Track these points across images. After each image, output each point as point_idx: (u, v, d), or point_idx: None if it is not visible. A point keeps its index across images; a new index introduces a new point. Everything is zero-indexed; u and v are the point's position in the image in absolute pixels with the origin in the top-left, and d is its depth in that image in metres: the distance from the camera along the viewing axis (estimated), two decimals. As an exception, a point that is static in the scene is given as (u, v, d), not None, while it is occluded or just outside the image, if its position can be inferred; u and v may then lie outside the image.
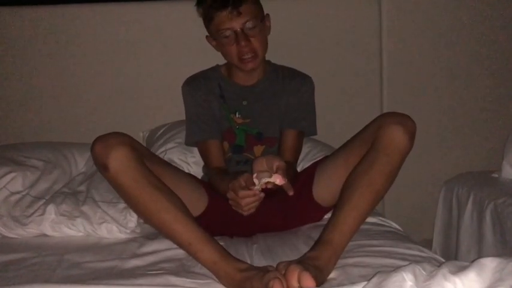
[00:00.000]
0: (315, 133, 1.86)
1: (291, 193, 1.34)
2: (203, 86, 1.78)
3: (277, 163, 1.36)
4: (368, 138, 1.43)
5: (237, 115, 1.77)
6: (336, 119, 2.20)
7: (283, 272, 1.16)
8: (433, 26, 2.28)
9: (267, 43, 1.72)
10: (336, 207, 1.37)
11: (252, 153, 1.75)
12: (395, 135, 1.36)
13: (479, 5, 2.29)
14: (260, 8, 1.71)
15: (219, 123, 1.76)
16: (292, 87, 1.79)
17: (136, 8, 2.16)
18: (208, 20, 1.68)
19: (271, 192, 1.65)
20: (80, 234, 1.58)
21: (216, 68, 1.83)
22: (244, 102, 1.78)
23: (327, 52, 2.23)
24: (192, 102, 1.78)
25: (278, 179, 1.34)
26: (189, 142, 1.80)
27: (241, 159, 1.75)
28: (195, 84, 1.78)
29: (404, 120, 1.39)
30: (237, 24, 1.63)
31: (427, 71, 2.31)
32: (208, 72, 1.82)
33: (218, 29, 1.65)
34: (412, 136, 1.38)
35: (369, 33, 2.24)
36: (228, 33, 1.64)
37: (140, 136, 2.15)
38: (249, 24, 1.64)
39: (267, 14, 1.74)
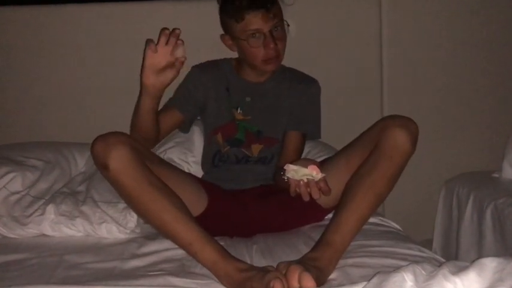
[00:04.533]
0: (319, 137, 1.86)
1: (328, 194, 1.32)
2: (212, 73, 1.78)
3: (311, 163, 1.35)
4: (371, 140, 1.43)
5: (239, 110, 1.77)
6: (336, 119, 2.19)
7: (283, 272, 1.16)
8: (433, 26, 2.28)
9: (285, 46, 1.71)
10: (338, 208, 1.38)
11: (250, 150, 1.75)
12: (399, 138, 1.36)
13: (479, 5, 2.29)
14: (282, 12, 1.70)
15: (220, 114, 1.76)
16: (298, 90, 1.80)
17: (136, 8, 2.15)
18: (236, 20, 1.64)
19: (272, 192, 1.66)
20: (80, 234, 1.58)
21: (227, 60, 1.83)
22: (248, 99, 1.77)
23: (327, 52, 2.23)
24: (189, 79, 1.78)
25: (315, 171, 1.32)
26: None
27: (240, 154, 1.75)
28: (204, 68, 1.79)
29: (408, 124, 1.39)
30: (267, 26, 1.62)
31: (427, 71, 2.31)
32: (219, 63, 1.83)
33: (246, 29, 1.63)
34: (415, 140, 1.38)
35: (369, 33, 2.23)
36: (256, 34, 1.63)
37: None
38: (277, 26, 1.64)
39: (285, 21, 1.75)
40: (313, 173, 1.32)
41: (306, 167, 1.32)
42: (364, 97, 2.27)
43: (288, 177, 1.35)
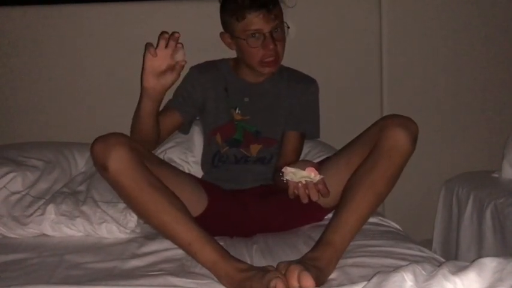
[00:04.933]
0: (318, 136, 1.86)
1: (327, 196, 1.33)
2: (210, 74, 1.78)
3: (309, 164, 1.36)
4: (370, 140, 1.43)
5: (237, 111, 1.77)
6: (336, 119, 2.20)
7: (283, 272, 1.16)
8: (433, 26, 2.28)
9: (285, 48, 1.72)
10: (338, 208, 1.38)
11: (248, 150, 1.75)
12: (398, 137, 1.36)
13: (479, 5, 2.29)
14: (282, 12, 1.71)
15: (218, 115, 1.76)
16: (297, 90, 1.80)
17: (136, 8, 2.16)
18: (236, 18, 1.64)
19: (272, 192, 1.66)
20: (80, 234, 1.58)
21: (225, 60, 1.83)
22: (246, 99, 1.77)
23: (327, 52, 2.23)
24: (187, 80, 1.78)
25: (313, 173, 1.32)
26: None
27: (239, 155, 1.75)
28: (202, 69, 1.79)
29: (407, 123, 1.39)
30: (268, 26, 1.62)
31: (427, 71, 2.31)
32: (217, 63, 1.83)
33: (247, 29, 1.63)
34: (414, 139, 1.38)
35: (369, 33, 2.23)
36: (256, 34, 1.63)
37: (140, 136, 2.15)
38: (277, 28, 1.64)
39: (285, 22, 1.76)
40: (311, 175, 1.32)
41: (304, 169, 1.33)
42: (364, 97, 2.27)
43: (287, 179, 1.35)
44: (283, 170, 1.36)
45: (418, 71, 2.30)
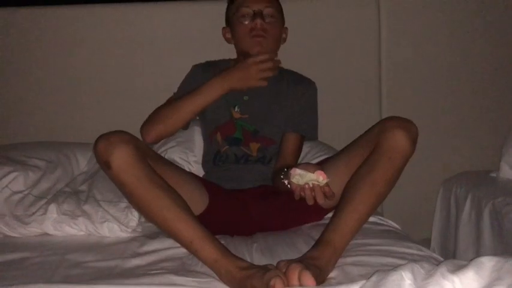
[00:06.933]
0: (316, 138, 1.87)
1: (332, 198, 1.35)
2: (211, 71, 1.79)
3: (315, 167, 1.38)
4: (370, 141, 1.44)
5: (236, 109, 1.78)
6: (335, 120, 2.20)
7: (283, 270, 1.17)
8: (432, 26, 2.29)
9: (279, 43, 1.78)
10: (338, 208, 1.39)
11: (249, 149, 1.76)
12: (398, 139, 1.37)
13: (478, 6, 2.29)
14: (282, 13, 1.80)
15: (219, 113, 1.77)
16: (296, 92, 1.81)
17: (136, 9, 2.16)
18: (232, 1, 1.74)
19: (272, 192, 1.67)
20: (82, 233, 1.59)
21: (226, 60, 1.85)
22: (245, 98, 1.79)
23: (326, 53, 2.23)
24: (190, 77, 1.82)
25: (322, 176, 1.33)
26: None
27: (240, 153, 1.76)
28: (204, 68, 1.82)
29: (408, 125, 1.40)
30: (259, 5, 1.70)
31: (426, 72, 2.32)
32: (218, 62, 1.85)
33: (238, 7, 1.72)
34: (414, 141, 1.39)
35: (368, 34, 2.24)
36: (246, 12, 1.71)
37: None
38: (269, 11, 1.71)
39: (286, 27, 1.82)
40: (319, 178, 1.33)
41: (312, 172, 1.33)
42: (362, 97, 2.28)
43: (288, 181, 1.35)
44: (290, 171, 1.37)
45: (417, 71, 2.31)
